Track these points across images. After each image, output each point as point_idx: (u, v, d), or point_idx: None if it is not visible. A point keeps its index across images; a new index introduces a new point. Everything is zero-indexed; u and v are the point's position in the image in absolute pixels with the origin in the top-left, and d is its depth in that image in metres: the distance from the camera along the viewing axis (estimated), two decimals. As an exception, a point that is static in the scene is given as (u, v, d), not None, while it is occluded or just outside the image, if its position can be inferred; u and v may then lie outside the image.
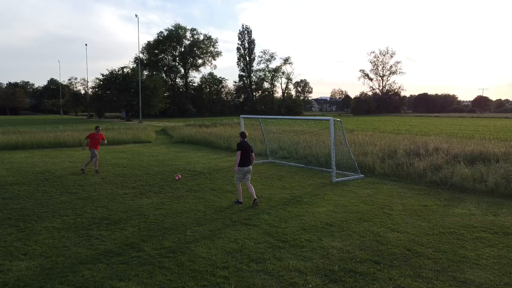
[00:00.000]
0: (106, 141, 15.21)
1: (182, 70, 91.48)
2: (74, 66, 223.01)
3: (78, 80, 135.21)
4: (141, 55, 78.70)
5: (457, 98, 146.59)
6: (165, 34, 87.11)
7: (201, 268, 5.80)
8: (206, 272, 5.67)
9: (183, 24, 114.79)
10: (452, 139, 21.68)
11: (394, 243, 6.80)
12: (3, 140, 22.88)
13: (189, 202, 9.78)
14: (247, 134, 9.95)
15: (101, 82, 67.63)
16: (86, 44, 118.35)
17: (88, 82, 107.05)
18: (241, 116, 16.81)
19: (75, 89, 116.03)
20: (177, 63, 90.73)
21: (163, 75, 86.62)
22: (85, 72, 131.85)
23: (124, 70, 68.53)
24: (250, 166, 9.65)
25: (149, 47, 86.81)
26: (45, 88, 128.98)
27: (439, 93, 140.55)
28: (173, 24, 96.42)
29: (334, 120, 12.59)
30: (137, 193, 10.90)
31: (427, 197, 10.28)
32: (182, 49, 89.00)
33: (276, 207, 9.25)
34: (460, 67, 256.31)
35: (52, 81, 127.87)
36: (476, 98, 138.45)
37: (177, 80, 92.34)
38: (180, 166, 15.58)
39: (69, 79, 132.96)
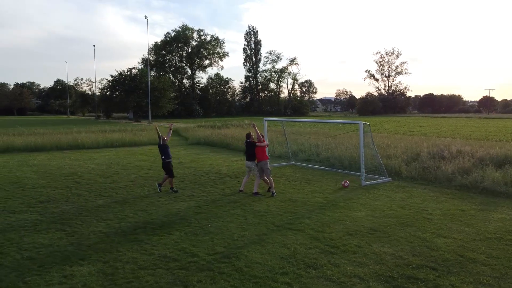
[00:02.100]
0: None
1: (189, 71, 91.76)
2: (79, 67, 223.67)
3: (84, 80, 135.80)
4: (148, 56, 78.99)
5: (462, 98, 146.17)
6: (172, 35, 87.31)
7: (261, 274, 5.87)
8: (267, 278, 5.73)
9: (187, 24, 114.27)
10: (469, 141, 21.68)
11: (444, 248, 6.84)
12: (22, 142, 23.06)
13: (226, 206, 9.86)
14: (250, 135, 11.52)
15: (110, 83, 67.89)
16: (94, 45, 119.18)
17: (94, 82, 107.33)
18: (264, 119, 16.86)
19: (81, 89, 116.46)
20: (184, 64, 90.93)
21: (170, 76, 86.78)
22: (90, 72, 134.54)
23: (132, 71, 68.78)
24: (253, 162, 11.16)
25: (156, 48, 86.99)
26: (52, 88, 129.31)
27: (445, 94, 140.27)
28: (180, 25, 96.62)
29: (363, 124, 12.63)
30: (171, 196, 10.99)
31: (462, 201, 10.30)
32: (189, 50, 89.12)
33: (314, 212, 9.31)
34: (465, 67, 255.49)
35: (58, 82, 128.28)
36: (482, 98, 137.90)
37: (184, 81, 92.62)
38: (205, 169, 15.66)
39: (75, 80, 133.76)
